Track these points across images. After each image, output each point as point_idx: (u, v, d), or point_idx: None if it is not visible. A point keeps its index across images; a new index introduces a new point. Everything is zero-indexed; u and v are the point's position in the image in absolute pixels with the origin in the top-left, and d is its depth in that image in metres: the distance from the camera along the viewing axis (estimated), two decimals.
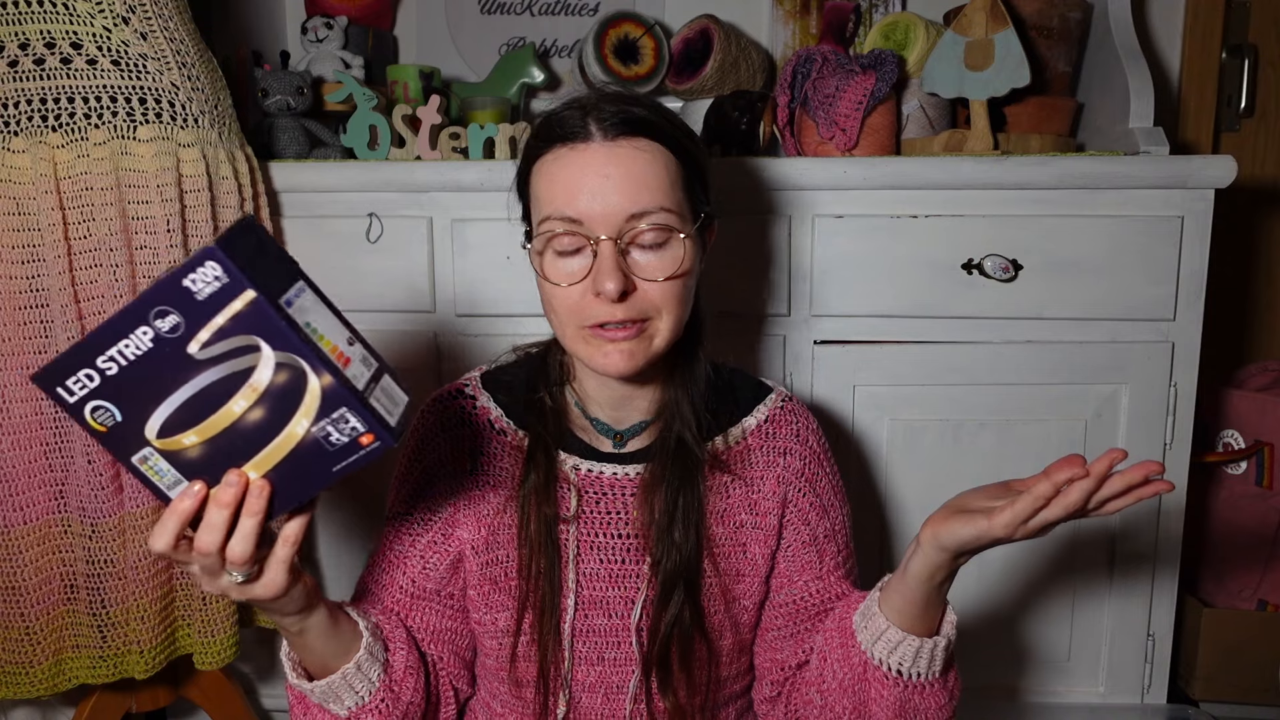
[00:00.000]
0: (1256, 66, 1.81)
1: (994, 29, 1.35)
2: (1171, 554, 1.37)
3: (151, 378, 0.64)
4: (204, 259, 0.60)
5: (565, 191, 0.82)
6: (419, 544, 0.94)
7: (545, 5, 1.81)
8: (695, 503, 0.90)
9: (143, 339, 0.62)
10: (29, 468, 1.15)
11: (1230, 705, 1.51)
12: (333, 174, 1.35)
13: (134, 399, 0.65)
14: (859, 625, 0.87)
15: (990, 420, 1.35)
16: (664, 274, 0.83)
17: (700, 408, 0.92)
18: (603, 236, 0.81)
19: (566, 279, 0.83)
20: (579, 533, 0.91)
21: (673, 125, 0.86)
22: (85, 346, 0.63)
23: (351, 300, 1.38)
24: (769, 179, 1.31)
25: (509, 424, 0.94)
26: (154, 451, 0.67)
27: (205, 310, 0.61)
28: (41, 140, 1.09)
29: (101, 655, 1.19)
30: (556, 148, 0.83)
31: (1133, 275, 1.30)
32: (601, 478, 0.92)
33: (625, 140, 0.82)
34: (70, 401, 0.65)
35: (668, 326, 0.85)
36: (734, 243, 1.32)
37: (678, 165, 0.84)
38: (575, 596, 0.91)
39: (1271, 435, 1.55)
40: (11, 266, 1.11)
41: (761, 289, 1.34)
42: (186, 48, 1.18)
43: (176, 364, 0.63)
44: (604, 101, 0.84)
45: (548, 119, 0.86)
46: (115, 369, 0.63)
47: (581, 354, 0.85)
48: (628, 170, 0.81)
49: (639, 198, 0.81)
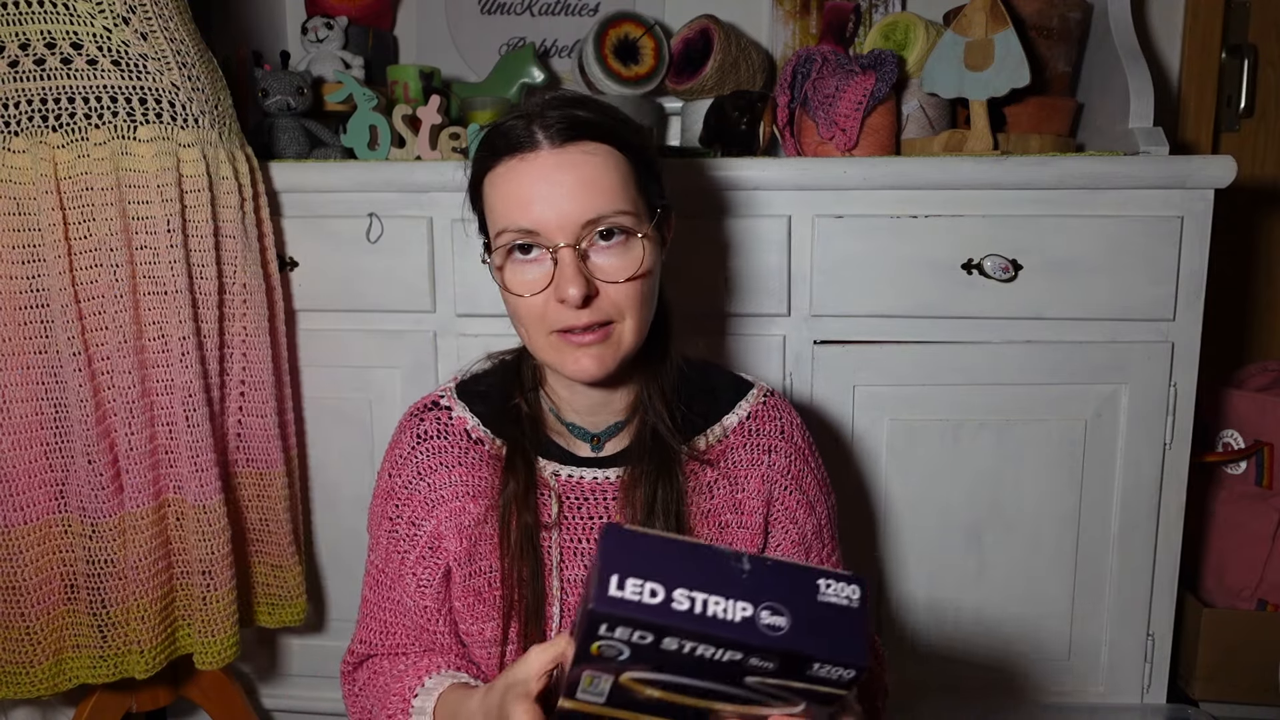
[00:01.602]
0: (1256, 66, 1.81)
1: (994, 29, 1.35)
2: (1171, 554, 1.37)
3: (681, 663, 0.58)
4: (839, 659, 0.56)
5: (519, 203, 0.81)
6: (408, 561, 0.94)
7: (545, 5, 1.81)
8: (674, 494, 0.90)
9: (721, 652, 0.57)
10: (29, 468, 1.15)
11: (1230, 705, 1.51)
12: (333, 174, 1.35)
13: (652, 659, 0.58)
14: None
15: (990, 420, 1.35)
16: (625, 275, 0.82)
17: (674, 401, 0.92)
18: (561, 244, 0.80)
19: (529, 289, 0.83)
20: (561, 539, 0.91)
21: (619, 124, 0.85)
22: None
23: (351, 300, 1.39)
24: (769, 179, 1.31)
25: (486, 433, 0.94)
26: (608, 677, 0.61)
27: (799, 670, 0.57)
28: (42, 140, 1.09)
29: (102, 655, 1.19)
30: (505, 159, 0.82)
31: (1132, 275, 1.30)
32: (582, 483, 0.92)
33: (573, 145, 0.81)
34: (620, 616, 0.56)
35: (632, 328, 0.85)
36: (734, 243, 1.32)
37: (628, 164, 0.84)
38: (560, 604, 0.91)
39: (1271, 435, 1.55)
40: (11, 266, 1.11)
41: (761, 289, 1.34)
42: (187, 48, 1.18)
43: (719, 673, 0.58)
44: (548, 108, 0.83)
45: (494, 131, 0.85)
46: (674, 646, 0.57)
47: (552, 362, 0.86)
48: (579, 175, 0.81)
49: (593, 202, 0.81)
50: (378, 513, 0.97)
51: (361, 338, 1.40)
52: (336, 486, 1.44)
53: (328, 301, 1.39)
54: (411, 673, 0.91)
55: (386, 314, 1.39)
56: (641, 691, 0.62)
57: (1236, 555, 1.56)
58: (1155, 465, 1.35)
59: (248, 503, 1.31)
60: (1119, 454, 1.35)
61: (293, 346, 1.40)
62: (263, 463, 1.30)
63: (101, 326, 1.14)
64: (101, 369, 1.14)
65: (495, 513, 0.91)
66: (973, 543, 1.38)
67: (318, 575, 1.48)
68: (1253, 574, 1.54)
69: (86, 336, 1.13)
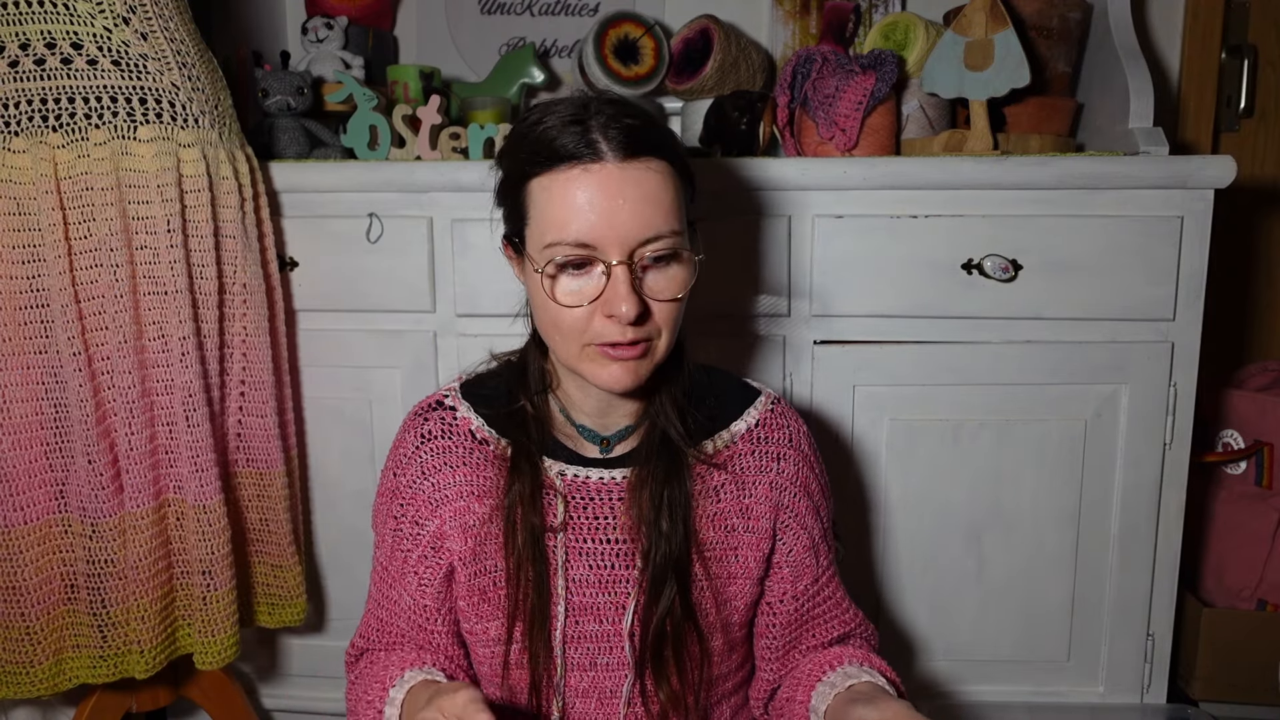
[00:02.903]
0: (1256, 66, 1.81)
1: (994, 29, 1.35)
2: (1171, 554, 1.37)
3: None
4: None
5: (578, 215, 0.79)
6: (411, 560, 0.94)
7: (545, 5, 1.81)
8: (682, 497, 0.91)
9: None
10: (29, 468, 1.15)
11: (1230, 705, 1.51)
12: (333, 174, 1.35)
13: None
14: (814, 706, 0.89)
15: (990, 420, 1.35)
16: (671, 294, 0.83)
17: (684, 406, 0.93)
18: (615, 260, 0.79)
19: (576, 300, 0.81)
20: (567, 540, 0.91)
21: (674, 140, 0.85)
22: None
23: (351, 300, 1.39)
24: (769, 179, 1.31)
25: (491, 434, 0.93)
26: None
27: None
28: (42, 140, 1.09)
29: (102, 655, 1.19)
30: (563, 167, 0.79)
31: (1132, 275, 1.30)
32: (588, 483, 0.92)
33: (638, 161, 0.80)
34: None
35: (665, 343, 0.85)
36: (734, 243, 1.32)
37: (679, 182, 0.84)
38: (565, 604, 0.91)
39: (1271, 435, 1.55)
40: (11, 266, 1.11)
41: (761, 289, 1.34)
42: (187, 48, 1.18)
43: None
44: (607, 119, 0.80)
45: (541, 133, 0.81)
46: None
47: (584, 370, 0.85)
48: (643, 193, 0.79)
49: (652, 221, 0.80)
50: (382, 511, 0.97)
51: (361, 338, 1.40)
52: (336, 486, 1.44)
53: (328, 301, 1.39)
54: (396, 665, 0.91)
55: (386, 314, 1.39)
56: None
57: (1236, 555, 1.56)
58: (1155, 465, 1.35)
59: (248, 503, 1.31)
60: (1119, 454, 1.35)
61: (293, 346, 1.40)
62: (263, 463, 1.30)
63: (101, 326, 1.14)
64: (101, 369, 1.14)
65: (501, 513, 0.91)
66: (973, 543, 1.38)
67: (318, 575, 1.48)
68: (1253, 574, 1.54)
69: (86, 336, 1.13)
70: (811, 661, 0.95)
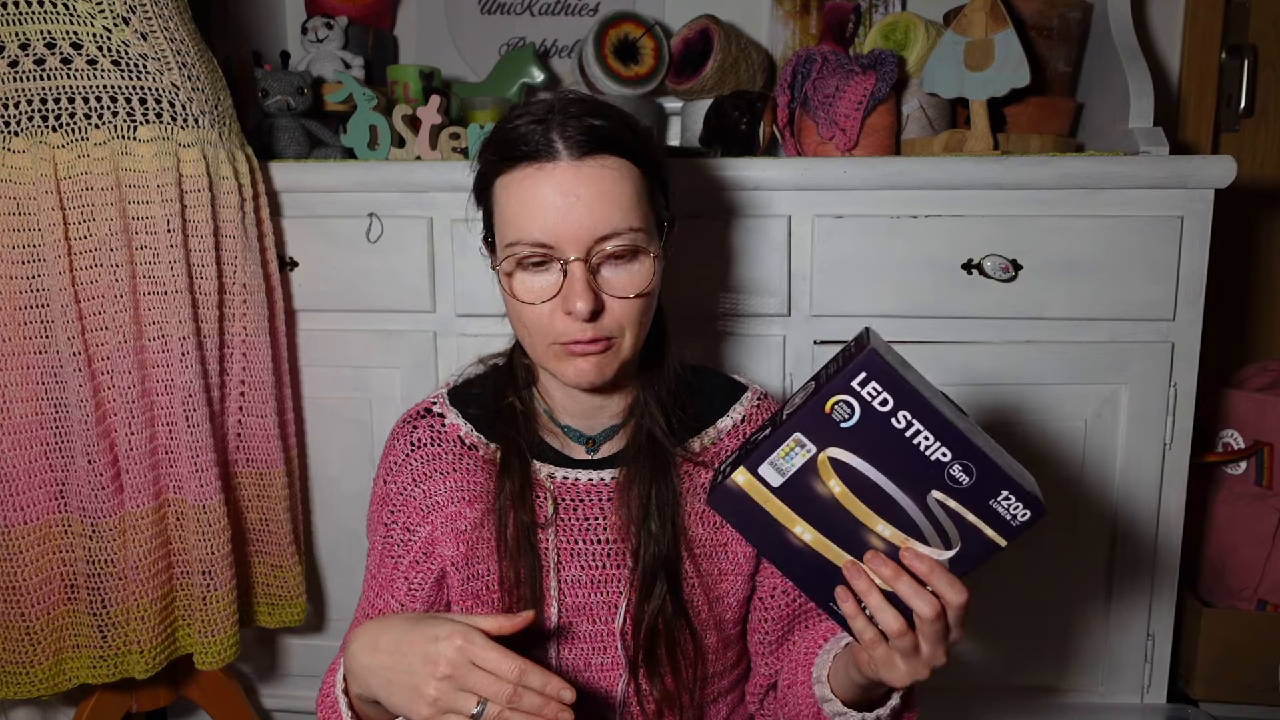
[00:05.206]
0: (1256, 66, 1.81)
1: (994, 29, 1.35)
2: (1171, 554, 1.37)
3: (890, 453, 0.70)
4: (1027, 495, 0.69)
5: (533, 214, 0.80)
6: (401, 566, 0.94)
7: (545, 5, 1.81)
8: (669, 496, 0.91)
9: (936, 446, 0.70)
10: (29, 468, 1.15)
11: (1230, 705, 1.51)
12: (333, 174, 1.35)
13: None
14: (816, 676, 0.90)
15: (990, 420, 1.35)
16: (633, 291, 0.83)
17: (669, 405, 0.93)
18: (572, 257, 0.80)
19: (535, 296, 0.82)
20: (558, 540, 0.91)
21: (636, 136, 0.84)
22: None
23: (351, 300, 1.39)
24: (769, 179, 1.31)
25: (479, 439, 0.94)
26: (809, 450, 0.71)
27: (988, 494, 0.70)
28: (42, 140, 1.09)
29: (102, 655, 1.19)
30: (521, 166, 0.81)
31: (1132, 275, 1.30)
32: (577, 484, 0.92)
33: (592, 159, 0.80)
34: None
35: (630, 342, 0.85)
36: (734, 242, 1.32)
37: (643, 179, 0.84)
38: (558, 604, 0.91)
39: (1271, 435, 1.55)
40: (11, 266, 1.11)
41: (761, 289, 1.34)
42: (186, 48, 1.18)
43: (914, 475, 0.70)
44: (568, 115, 0.81)
45: (507, 131, 0.82)
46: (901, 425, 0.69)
47: (552, 368, 0.86)
48: (597, 190, 0.80)
49: (609, 218, 0.80)
50: (374, 518, 0.98)
51: (361, 338, 1.40)
52: (336, 486, 1.44)
53: (328, 301, 1.39)
54: None
55: (386, 314, 1.39)
56: (825, 482, 0.71)
57: (1236, 555, 1.56)
58: (1155, 465, 1.35)
59: (248, 503, 1.31)
60: (1119, 454, 1.35)
61: (293, 346, 1.40)
62: (263, 463, 1.30)
63: (101, 326, 1.14)
64: (101, 369, 1.14)
65: (492, 516, 0.91)
66: None
67: (317, 575, 1.48)
68: (1253, 574, 1.54)
69: (86, 336, 1.13)
70: (807, 641, 0.95)
